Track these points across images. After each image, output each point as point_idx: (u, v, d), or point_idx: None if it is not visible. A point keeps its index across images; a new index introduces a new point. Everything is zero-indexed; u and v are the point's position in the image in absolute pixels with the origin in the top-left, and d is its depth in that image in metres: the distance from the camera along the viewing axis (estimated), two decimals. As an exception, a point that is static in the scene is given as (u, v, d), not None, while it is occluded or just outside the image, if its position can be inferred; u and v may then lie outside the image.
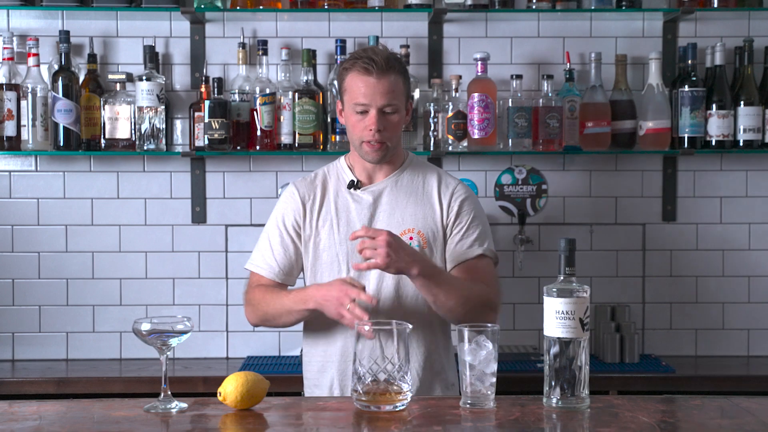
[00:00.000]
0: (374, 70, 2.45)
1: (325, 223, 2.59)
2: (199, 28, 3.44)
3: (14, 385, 3.14)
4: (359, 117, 2.49)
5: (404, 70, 2.54)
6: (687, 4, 3.34)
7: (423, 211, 2.58)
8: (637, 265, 3.52)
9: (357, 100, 2.48)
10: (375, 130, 2.47)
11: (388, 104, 2.47)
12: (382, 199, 2.59)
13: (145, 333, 1.89)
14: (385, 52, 2.50)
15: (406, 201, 2.59)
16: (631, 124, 3.39)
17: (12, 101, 3.25)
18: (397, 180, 2.61)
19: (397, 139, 2.56)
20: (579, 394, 1.86)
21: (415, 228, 2.56)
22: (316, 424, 1.84)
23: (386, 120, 2.49)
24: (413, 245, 2.52)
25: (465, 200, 2.60)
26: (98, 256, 3.47)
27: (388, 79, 2.47)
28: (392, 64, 2.49)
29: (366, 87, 2.46)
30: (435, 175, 2.64)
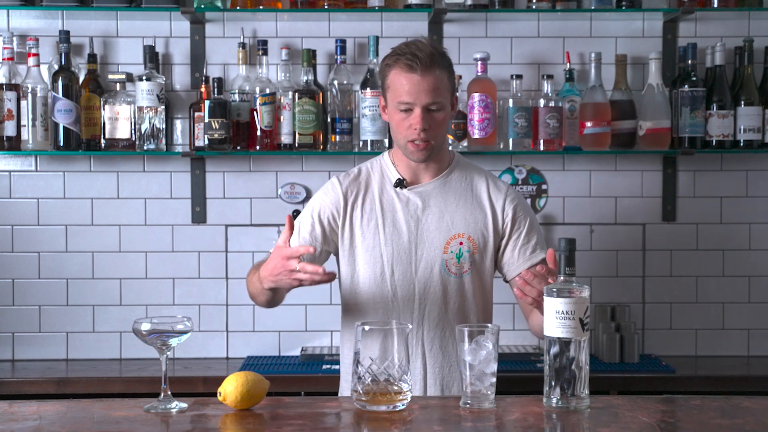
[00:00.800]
0: (418, 67, 2.38)
1: (370, 222, 2.52)
2: (199, 28, 3.44)
3: (14, 385, 3.14)
4: (403, 115, 2.42)
5: (449, 64, 2.46)
6: (687, 4, 3.34)
7: (474, 216, 2.52)
8: (637, 265, 3.52)
9: (401, 99, 2.41)
10: (420, 129, 2.40)
11: (434, 102, 2.40)
12: (430, 201, 2.52)
13: (145, 333, 1.89)
14: (428, 48, 2.42)
15: (455, 204, 2.52)
16: (631, 124, 3.39)
17: (12, 101, 3.25)
18: (445, 182, 2.54)
19: (442, 138, 2.49)
20: (579, 394, 1.86)
21: (465, 233, 2.50)
22: (316, 424, 1.84)
23: (431, 118, 2.42)
24: (463, 251, 2.49)
25: (519, 205, 2.55)
26: (98, 256, 3.47)
27: (433, 75, 2.39)
28: (437, 59, 2.41)
29: (410, 85, 2.39)
30: (483, 177, 2.58)
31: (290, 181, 3.48)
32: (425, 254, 2.50)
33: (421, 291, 2.49)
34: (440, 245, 2.49)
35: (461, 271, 2.50)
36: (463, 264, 2.50)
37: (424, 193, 2.53)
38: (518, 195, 2.60)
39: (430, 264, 2.49)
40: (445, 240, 2.50)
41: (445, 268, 2.49)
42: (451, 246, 2.49)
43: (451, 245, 2.49)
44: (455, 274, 2.50)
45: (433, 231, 2.49)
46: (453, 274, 2.50)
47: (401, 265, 2.49)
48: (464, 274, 2.50)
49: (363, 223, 2.52)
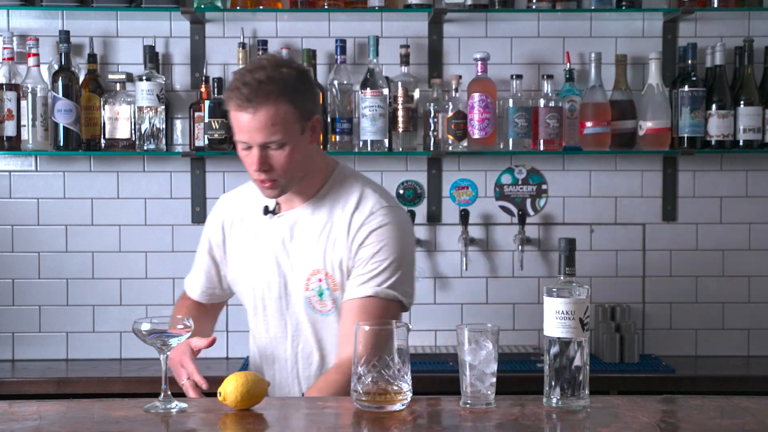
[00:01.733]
0: (248, 104, 2.11)
1: (243, 253, 2.37)
2: (199, 28, 3.44)
3: (14, 385, 3.14)
4: (245, 153, 2.19)
5: (291, 89, 2.14)
6: (687, 4, 3.34)
7: (333, 249, 2.25)
8: (637, 265, 3.52)
9: (238, 136, 2.17)
10: (257, 170, 2.17)
11: (270, 141, 2.14)
12: (295, 231, 2.30)
13: (145, 333, 1.89)
14: (263, 74, 2.11)
15: (319, 234, 2.27)
16: (631, 124, 3.39)
17: (12, 101, 3.25)
18: (313, 209, 2.29)
19: (294, 172, 2.20)
20: (579, 394, 1.86)
21: (323, 269, 2.26)
22: (316, 424, 1.84)
23: (271, 157, 2.16)
24: (323, 288, 2.26)
25: (376, 230, 2.23)
26: (98, 256, 3.47)
27: (265, 111, 2.11)
28: (269, 90, 2.11)
29: (242, 123, 2.14)
30: (356, 197, 2.27)
31: None
32: (293, 290, 2.31)
33: (293, 328, 2.33)
34: (303, 281, 2.28)
35: (325, 309, 2.29)
36: (325, 302, 2.28)
37: (291, 221, 2.31)
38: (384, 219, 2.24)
39: (298, 300, 2.31)
40: (306, 276, 2.28)
41: (309, 305, 2.30)
42: (311, 283, 2.28)
43: (311, 282, 2.28)
44: (321, 312, 2.30)
45: (297, 265, 2.29)
46: (318, 311, 2.30)
47: (272, 301, 2.33)
48: (329, 313, 2.29)
49: (237, 254, 2.38)
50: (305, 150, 2.22)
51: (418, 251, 3.47)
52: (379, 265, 2.22)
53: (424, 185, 3.50)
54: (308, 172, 2.26)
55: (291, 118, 2.15)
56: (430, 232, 3.50)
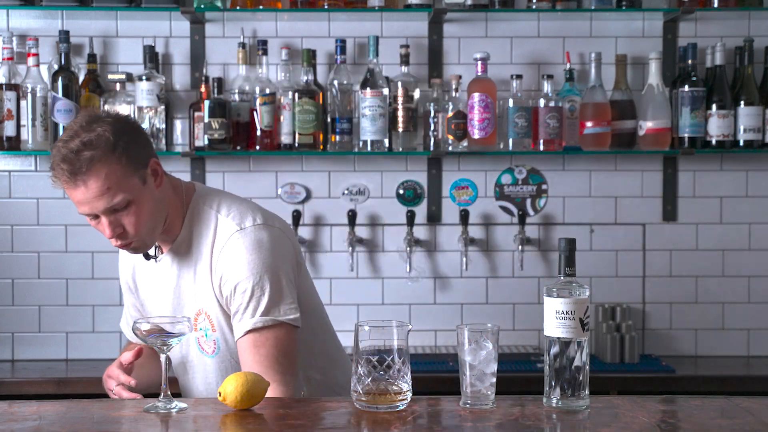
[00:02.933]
0: (75, 179, 1.98)
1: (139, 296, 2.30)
2: (199, 28, 3.44)
3: (14, 385, 3.14)
4: (95, 222, 2.06)
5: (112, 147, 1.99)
6: (687, 4, 3.34)
7: (204, 288, 2.16)
8: (637, 265, 3.52)
9: (80, 210, 2.04)
10: (112, 236, 2.05)
11: (112, 205, 2.01)
12: (172, 272, 2.19)
13: (145, 333, 1.89)
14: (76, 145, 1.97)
15: (189, 277, 2.18)
16: (631, 124, 3.39)
17: (12, 101, 3.25)
18: (177, 250, 2.18)
19: (148, 225, 2.07)
20: (579, 394, 1.86)
21: (202, 309, 2.17)
22: (316, 424, 1.84)
23: (121, 218, 2.04)
24: (206, 327, 2.17)
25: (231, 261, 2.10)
26: (98, 256, 3.47)
27: (94, 179, 1.98)
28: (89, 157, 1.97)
29: (77, 198, 2.01)
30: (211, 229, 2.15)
31: (290, 181, 3.47)
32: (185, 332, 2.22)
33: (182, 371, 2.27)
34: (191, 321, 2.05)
35: (210, 349, 2.20)
36: (209, 342, 2.19)
37: (168, 264, 2.20)
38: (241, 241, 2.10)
39: (188, 343, 2.22)
40: (193, 316, 2.18)
41: (198, 345, 2.22)
42: (198, 322, 2.18)
43: (199, 321, 2.18)
44: (207, 353, 2.21)
45: (185, 304, 2.19)
46: (206, 353, 2.21)
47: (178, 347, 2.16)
48: (213, 354, 2.20)
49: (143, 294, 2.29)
50: (154, 198, 2.09)
51: (418, 251, 3.47)
52: (246, 296, 2.09)
53: (424, 185, 3.50)
54: (166, 217, 2.14)
55: (124, 174, 2.02)
56: (430, 232, 3.50)
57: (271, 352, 2.08)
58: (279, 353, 2.09)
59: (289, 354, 2.10)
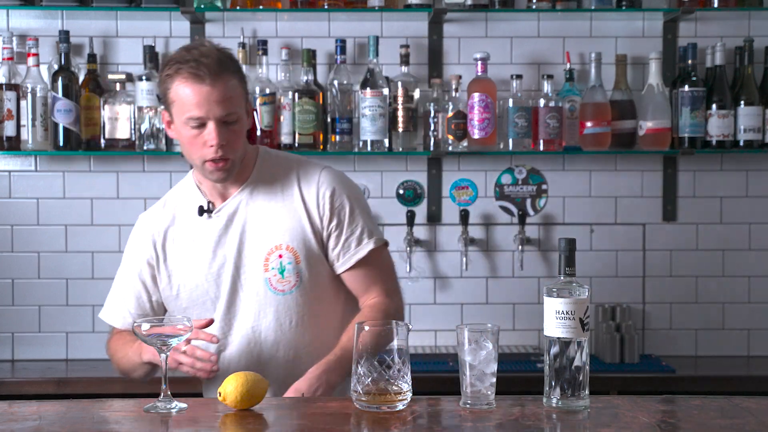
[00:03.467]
0: (206, 75, 2.09)
1: (186, 261, 2.28)
2: (198, 28, 3.44)
3: (14, 385, 3.14)
4: (195, 132, 2.13)
5: (239, 68, 2.19)
6: (687, 4, 3.34)
7: (289, 221, 2.25)
8: (637, 265, 3.52)
9: (190, 113, 2.11)
10: (217, 146, 2.13)
11: (229, 113, 2.12)
12: (237, 218, 2.26)
13: (145, 333, 1.89)
14: (214, 52, 2.13)
15: (267, 212, 2.25)
16: (631, 124, 3.39)
17: (12, 101, 3.25)
18: (251, 191, 2.27)
19: (242, 151, 2.21)
20: (579, 394, 1.86)
21: (283, 243, 2.23)
22: (316, 424, 1.84)
23: (228, 132, 2.14)
24: (285, 264, 2.23)
25: (333, 192, 2.26)
26: (98, 256, 3.47)
27: (224, 83, 2.11)
28: (226, 64, 2.13)
29: (199, 96, 2.10)
30: (293, 170, 2.29)
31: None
32: (248, 278, 2.26)
33: (254, 319, 2.26)
34: (260, 263, 2.24)
35: (289, 286, 2.25)
36: (288, 278, 2.25)
37: (231, 212, 2.26)
38: (333, 178, 2.28)
39: (255, 288, 2.26)
40: (264, 256, 2.24)
41: (270, 287, 2.26)
42: (270, 261, 2.24)
43: (270, 260, 2.24)
44: (282, 291, 2.25)
45: (250, 250, 2.25)
46: (280, 291, 2.25)
47: (228, 297, 2.27)
48: (294, 289, 2.26)
49: (179, 264, 2.29)
50: (246, 129, 2.22)
51: (418, 251, 3.48)
52: (356, 222, 2.26)
53: (424, 185, 3.49)
54: (244, 156, 2.25)
55: (242, 95, 2.18)
56: (430, 232, 3.50)
57: (386, 267, 2.32)
58: (391, 269, 2.34)
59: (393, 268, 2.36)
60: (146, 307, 2.35)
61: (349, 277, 2.30)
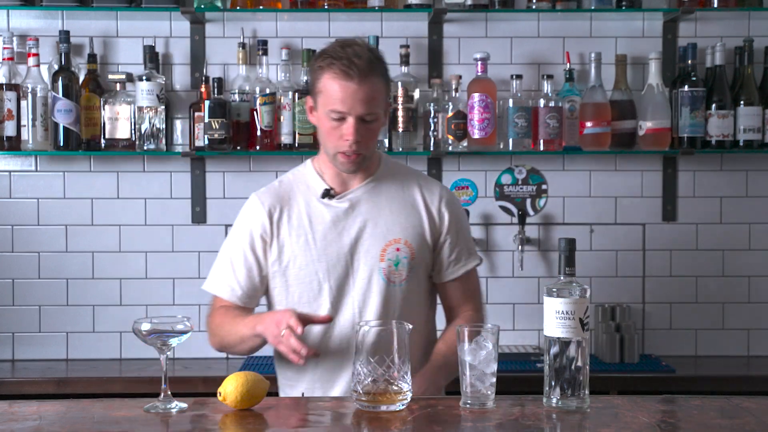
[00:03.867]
0: (355, 75, 2.23)
1: (300, 238, 2.37)
2: (199, 28, 3.44)
3: (14, 385, 3.14)
4: (335, 124, 2.27)
5: (385, 70, 2.33)
6: (687, 4, 3.34)
7: (409, 220, 2.39)
8: (637, 265, 3.52)
9: (333, 107, 2.25)
10: (353, 141, 2.26)
11: (369, 113, 2.26)
12: (361, 208, 2.38)
13: (145, 333, 1.89)
14: (366, 53, 2.27)
15: (389, 209, 2.39)
16: (631, 124, 3.39)
17: (12, 101, 3.25)
18: (374, 186, 2.41)
19: (374, 148, 2.37)
20: (579, 394, 1.86)
21: (402, 238, 2.37)
22: (316, 424, 1.84)
23: (365, 129, 2.27)
24: (401, 257, 2.36)
25: (453, 207, 2.45)
26: (98, 256, 3.47)
27: (370, 84, 2.25)
28: (375, 67, 2.27)
29: (344, 93, 2.24)
30: (414, 179, 2.46)
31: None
32: (362, 264, 2.36)
33: (360, 304, 2.36)
34: (377, 253, 2.37)
35: (400, 279, 2.37)
36: (401, 271, 2.37)
37: (354, 200, 2.39)
38: (452, 196, 2.50)
39: (368, 274, 2.36)
40: (382, 247, 2.36)
41: (383, 276, 2.36)
42: (387, 253, 2.36)
43: (387, 252, 2.36)
44: (394, 283, 2.37)
45: (368, 239, 2.36)
46: (392, 282, 2.37)
47: (337, 280, 2.36)
48: (403, 282, 2.38)
49: (292, 241, 2.37)
50: (380, 129, 2.37)
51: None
52: (464, 240, 2.46)
53: (424, 185, 3.49)
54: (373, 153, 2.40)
55: (384, 97, 2.32)
56: (430, 232, 3.50)
57: (478, 284, 2.51)
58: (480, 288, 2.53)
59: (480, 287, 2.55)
60: (256, 280, 2.41)
61: (452, 287, 2.45)
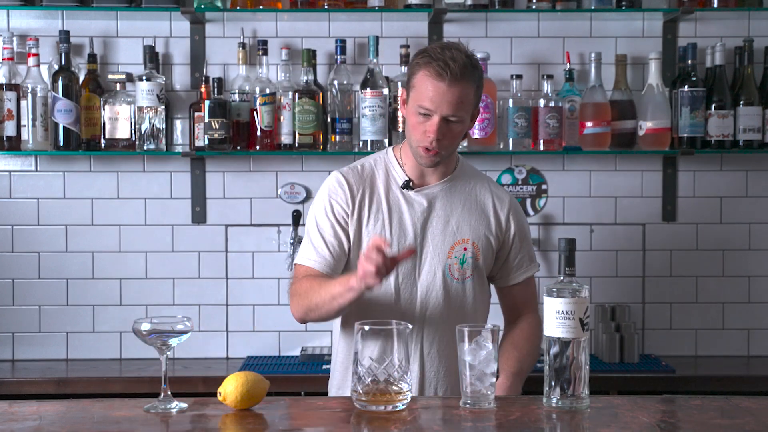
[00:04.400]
0: (447, 77, 2.32)
1: (377, 222, 2.46)
2: (199, 28, 3.44)
3: (14, 385, 3.14)
4: (421, 119, 2.37)
5: (479, 77, 2.40)
6: (687, 4, 3.34)
7: (478, 222, 2.50)
8: (637, 265, 3.52)
9: (422, 103, 2.35)
10: (434, 138, 2.36)
11: (454, 115, 2.35)
12: (436, 204, 2.49)
13: (145, 333, 1.90)
14: (463, 58, 2.34)
15: (460, 209, 2.50)
16: (631, 124, 3.39)
17: (12, 101, 3.25)
18: (451, 186, 2.52)
19: (455, 148, 2.46)
20: (579, 394, 1.86)
21: (470, 239, 2.48)
22: (316, 424, 1.84)
23: (448, 129, 2.37)
24: (467, 257, 2.48)
25: (519, 217, 2.57)
26: (98, 256, 3.47)
27: (460, 87, 2.33)
28: (468, 73, 2.34)
29: (435, 92, 2.33)
30: (486, 184, 2.57)
31: (290, 181, 3.48)
32: (429, 257, 2.47)
33: (423, 294, 2.46)
34: (445, 250, 2.48)
35: (464, 276, 2.49)
36: (466, 270, 2.48)
37: (430, 195, 2.49)
38: (518, 205, 2.60)
39: (434, 268, 2.47)
40: (450, 245, 2.47)
41: (448, 272, 2.47)
42: (455, 251, 2.47)
43: (455, 250, 2.47)
44: (458, 280, 2.48)
45: (439, 235, 2.47)
46: (456, 279, 2.48)
47: (405, 268, 2.45)
48: (467, 280, 2.49)
49: (370, 223, 2.47)
50: (464, 132, 2.45)
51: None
52: (527, 248, 2.58)
53: (424, 185, 3.49)
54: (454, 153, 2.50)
55: (472, 103, 2.39)
56: (430, 232, 3.50)
57: (535, 289, 2.64)
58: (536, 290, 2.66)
59: None
60: (345, 248, 2.47)
61: (515, 290, 2.59)
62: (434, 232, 2.48)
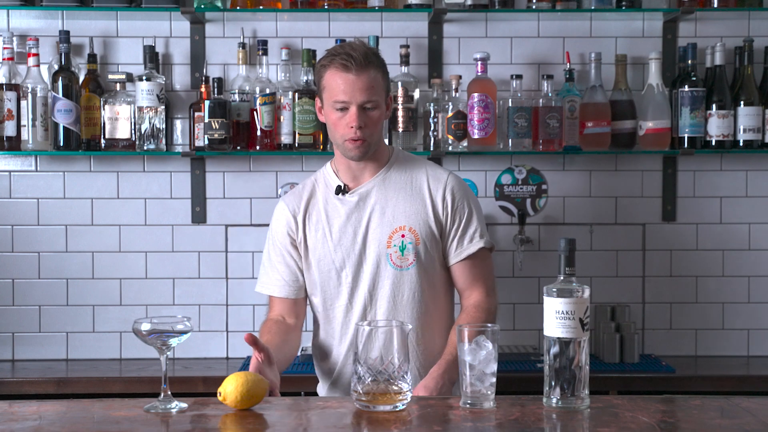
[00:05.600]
0: (353, 67, 2.45)
1: (318, 232, 2.61)
2: (199, 28, 3.44)
3: (14, 385, 3.14)
4: (340, 114, 2.50)
5: (382, 64, 2.54)
6: (687, 4, 3.34)
7: (414, 208, 2.59)
8: (637, 265, 3.52)
9: (336, 98, 2.48)
10: (356, 127, 2.48)
11: (369, 100, 2.48)
12: (370, 200, 2.60)
13: (145, 333, 1.90)
14: (362, 48, 2.50)
15: (395, 198, 2.59)
16: (631, 124, 3.39)
17: (12, 101, 3.25)
18: (384, 178, 2.62)
19: (378, 135, 2.56)
20: (579, 394, 1.86)
21: (406, 225, 2.57)
22: (316, 424, 1.84)
23: (367, 116, 2.49)
24: (406, 243, 2.56)
25: (457, 192, 2.61)
26: (98, 256, 3.47)
27: (367, 75, 2.47)
28: (371, 59, 2.49)
29: (345, 84, 2.47)
30: (423, 168, 2.65)
31: (290, 181, 3.48)
32: (371, 250, 2.58)
33: (371, 287, 2.57)
34: (384, 240, 2.57)
35: (406, 263, 2.57)
36: (407, 256, 2.57)
37: (364, 193, 2.60)
38: (458, 182, 2.64)
39: (377, 260, 2.57)
40: (388, 234, 2.57)
41: (389, 261, 2.57)
42: (393, 239, 2.57)
43: (393, 239, 2.56)
44: (400, 267, 2.57)
45: (376, 227, 2.57)
46: (398, 267, 2.57)
47: (352, 267, 2.58)
48: (410, 266, 2.57)
49: (313, 236, 2.62)
50: (383, 118, 2.56)
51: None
52: (472, 223, 2.61)
53: (424, 185, 3.49)
54: (380, 143, 2.60)
55: (383, 88, 2.52)
56: (430, 232, 3.50)
57: (489, 268, 2.65)
58: (492, 270, 2.67)
59: (493, 271, 2.69)
60: (297, 275, 2.65)
61: (459, 269, 2.62)
62: (372, 225, 2.58)
